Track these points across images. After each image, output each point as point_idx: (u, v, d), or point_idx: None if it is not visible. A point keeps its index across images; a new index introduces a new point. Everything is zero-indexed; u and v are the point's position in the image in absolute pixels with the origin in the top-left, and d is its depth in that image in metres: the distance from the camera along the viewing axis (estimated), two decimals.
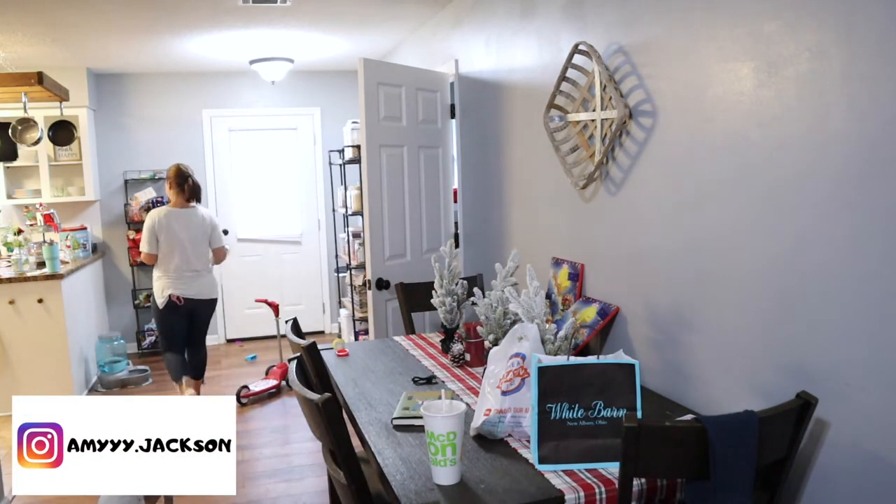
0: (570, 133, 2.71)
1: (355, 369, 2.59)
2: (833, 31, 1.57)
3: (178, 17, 4.33)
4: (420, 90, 3.91)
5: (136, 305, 6.41)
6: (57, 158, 5.97)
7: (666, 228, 2.21)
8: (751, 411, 1.51)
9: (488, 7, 3.59)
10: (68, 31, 4.55)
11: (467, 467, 1.68)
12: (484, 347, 2.49)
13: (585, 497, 1.57)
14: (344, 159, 5.50)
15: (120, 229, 6.37)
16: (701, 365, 2.08)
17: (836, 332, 1.61)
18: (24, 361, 4.78)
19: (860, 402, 1.56)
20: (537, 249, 3.13)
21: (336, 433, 1.71)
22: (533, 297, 2.00)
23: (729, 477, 1.46)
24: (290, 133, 6.76)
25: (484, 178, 3.79)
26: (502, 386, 1.86)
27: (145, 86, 6.35)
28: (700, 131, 2.02)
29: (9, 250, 5.22)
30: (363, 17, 4.52)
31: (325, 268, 6.84)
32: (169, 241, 4.37)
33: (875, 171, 1.49)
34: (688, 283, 2.12)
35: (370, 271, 3.69)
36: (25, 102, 4.39)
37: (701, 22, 1.99)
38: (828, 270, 1.62)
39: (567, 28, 2.75)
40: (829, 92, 1.59)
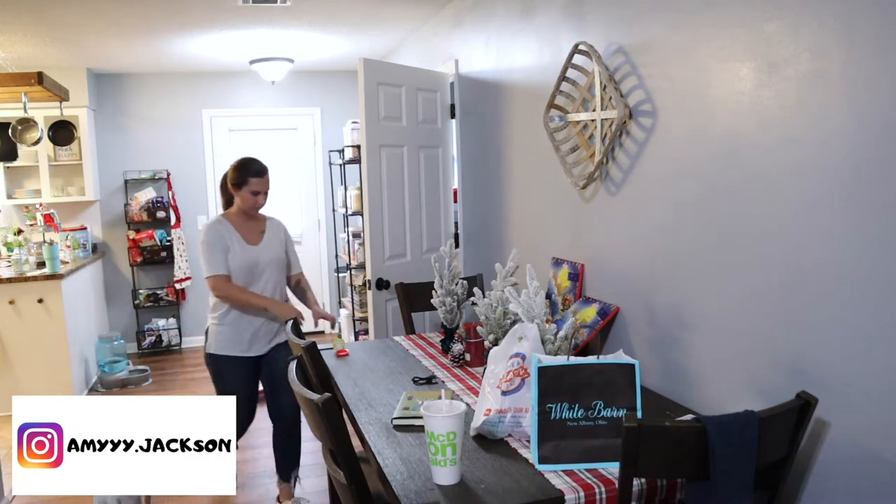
0: (570, 133, 2.71)
1: (355, 369, 2.59)
2: (833, 31, 1.57)
3: (177, 17, 4.33)
4: (420, 90, 3.91)
5: (135, 305, 6.41)
6: (57, 158, 5.96)
7: (666, 228, 2.21)
8: (751, 411, 1.51)
9: (488, 7, 3.59)
10: (68, 31, 4.55)
11: (467, 467, 1.68)
12: (484, 347, 2.49)
13: (585, 497, 1.57)
14: (344, 159, 5.50)
15: (120, 229, 6.36)
16: (701, 365, 2.08)
17: (836, 332, 1.61)
18: (24, 361, 4.78)
19: (860, 402, 1.56)
20: (537, 249, 3.13)
21: (336, 433, 1.71)
22: (533, 297, 2.00)
23: (729, 477, 1.46)
24: (290, 133, 6.76)
25: (484, 178, 3.79)
26: (502, 386, 1.86)
27: (145, 86, 6.35)
28: (700, 131, 2.02)
29: (9, 250, 5.22)
30: (363, 17, 4.52)
31: (325, 268, 6.84)
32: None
33: (875, 170, 1.49)
34: (688, 283, 2.12)
35: (370, 271, 3.69)
36: (25, 102, 4.39)
37: (701, 22, 1.99)
38: (828, 270, 1.62)
39: (567, 28, 2.75)
40: (829, 92, 1.59)
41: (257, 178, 3.11)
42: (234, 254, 3.09)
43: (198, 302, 6.59)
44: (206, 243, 3.10)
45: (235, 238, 3.11)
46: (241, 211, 3.16)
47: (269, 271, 3.19)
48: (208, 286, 3.11)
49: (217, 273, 3.07)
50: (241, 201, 3.13)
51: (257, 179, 3.11)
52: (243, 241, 3.13)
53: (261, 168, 3.14)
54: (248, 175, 3.10)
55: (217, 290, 3.09)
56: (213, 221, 3.17)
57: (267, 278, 3.18)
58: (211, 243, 3.09)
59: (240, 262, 3.10)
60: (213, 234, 3.11)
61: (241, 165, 3.13)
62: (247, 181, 3.09)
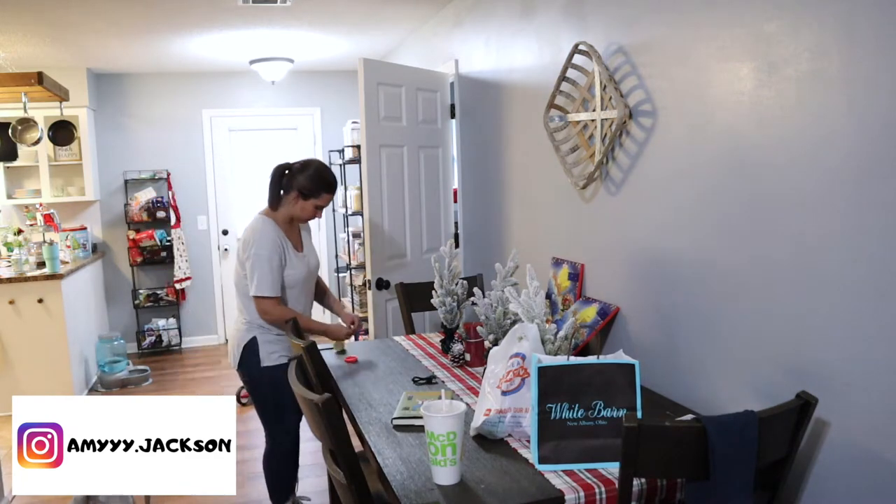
0: (570, 133, 2.71)
1: (355, 369, 2.59)
2: (833, 31, 1.57)
3: (177, 17, 4.33)
4: (420, 90, 3.91)
5: (135, 305, 6.41)
6: (57, 158, 5.96)
7: (666, 228, 2.21)
8: (751, 411, 1.51)
9: (488, 7, 3.59)
10: (68, 31, 4.55)
11: (467, 467, 1.68)
12: (484, 347, 2.49)
13: (585, 497, 1.56)
14: (344, 159, 5.50)
15: (120, 229, 6.36)
16: (701, 365, 2.08)
17: (836, 332, 1.61)
18: (24, 361, 4.78)
19: (860, 402, 1.56)
20: (537, 249, 3.13)
21: (336, 433, 1.71)
22: (533, 297, 2.00)
23: (729, 477, 1.46)
24: (290, 133, 6.76)
25: (484, 178, 3.79)
26: (502, 386, 1.86)
27: (145, 86, 6.35)
28: (700, 131, 2.02)
29: (9, 250, 5.22)
30: (363, 17, 4.52)
31: (325, 268, 6.84)
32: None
33: (875, 170, 1.49)
34: (688, 283, 2.12)
35: (370, 271, 3.69)
36: (25, 102, 4.39)
37: (701, 22, 1.99)
38: (827, 270, 1.62)
39: (567, 28, 2.75)
40: (829, 92, 1.59)
41: (329, 195, 2.76)
42: (291, 266, 2.73)
43: (198, 302, 6.60)
44: (260, 257, 2.64)
45: (289, 246, 2.75)
46: (288, 216, 2.79)
47: (311, 282, 2.89)
48: (256, 308, 2.69)
49: (272, 295, 2.66)
50: (299, 210, 2.75)
51: (329, 195, 2.76)
52: (294, 249, 2.77)
53: (335, 183, 2.78)
54: (323, 190, 2.73)
55: (268, 314, 2.68)
56: (267, 227, 2.70)
57: (310, 289, 2.89)
58: (269, 257, 2.65)
59: (297, 275, 2.74)
60: (270, 243, 2.66)
61: (319, 177, 2.73)
62: (319, 195, 2.74)
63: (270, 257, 2.66)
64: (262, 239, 2.67)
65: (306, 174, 2.72)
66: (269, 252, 2.66)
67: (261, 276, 2.65)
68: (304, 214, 2.77)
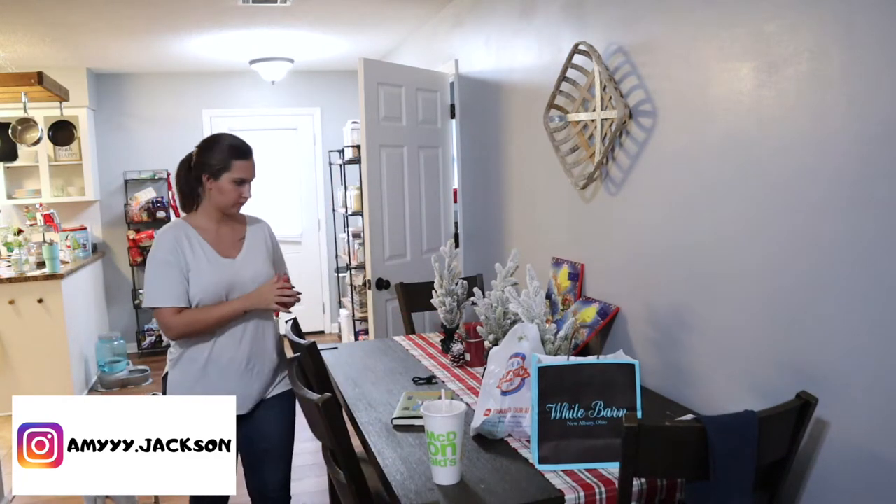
0: (570, 133, 2.71)
1: (355, 369, 2.59)
2: (833, 31, 1.56)
3: (178, 17, 4.33)
4: (420, 90, 3.91)
5: (135, 305, 6.40)
6: (57, 158, 5.96)
7: (666, 228, 2.21)
8: (751, 411, 1.51)
9: (488, 7, 3.59)
10: (68, 31, 4.55)
11: (467, 467, 1.68)
12: (484, 347, 2.49)
13: (585, 497, 1.56)
14: (344, 159, 5.50)
15: (120, 229, 6.36)
16: (701, 365, 2.08)
17: (836, 332, 1.61)
18: (24, 361, 4.78)
19: (860, 402, 1.56)
20: (537, 249, 3.13)
21: (336, 433, 1.71)
22: (533, 297, 2.00)
23: (729, 477, 1.46)
24: (290, 133, 6.76)
25: (484, 178, 3.79)
26: (502, 386, 1.86)
27: (145, 86, 6.35)
28: (700, 131, 2.02)
29: (9, 250, 5.22)
30: (363, 17, 4.52)
31: (325, 268, 6.83)
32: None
33: (875, 170, 1.49)
34: (688, 283, 2.12)
35: (370, 271, 3.69)
36: (25, 102, 4.39)
37: (701, 22, 1.99)
38: (828, 270, 1.62)
39: (567, 28, 2.75)
40: (829, 92, 1.58)
41: (242, 161, 2.22)
42: (198, 272, 2.18)
43: None
44: (153, 260, 2.19)
45: (203, 250, 2.22)
46: (214, 212, 2.28)
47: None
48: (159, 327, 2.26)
49: (167, 305, 2.15)
50: (218, 196, 2.23)
51: (242, 162, 2.22)
52: (215, 254, 2.23)
53: (245, 147, 2.26)
54: (232, 157, 2.20)
55: (172, 329, 2.16)
56: (167, 228, 2.25)
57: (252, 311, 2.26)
58: (164, 260, 2.17)
59: (207, 284, 2.18)
60: (166, 244, 2.18)
61: (221, 145, 2.22)
62: (230, 165, 2.20)
63: (166, 260, 2.16)
64: (157, 241, 2.22)
65: (207, 151, 2.23)
66: (163, 254, 2.17)
67: (153, 283, 2.17)
68: (226, 198, 2.23)
